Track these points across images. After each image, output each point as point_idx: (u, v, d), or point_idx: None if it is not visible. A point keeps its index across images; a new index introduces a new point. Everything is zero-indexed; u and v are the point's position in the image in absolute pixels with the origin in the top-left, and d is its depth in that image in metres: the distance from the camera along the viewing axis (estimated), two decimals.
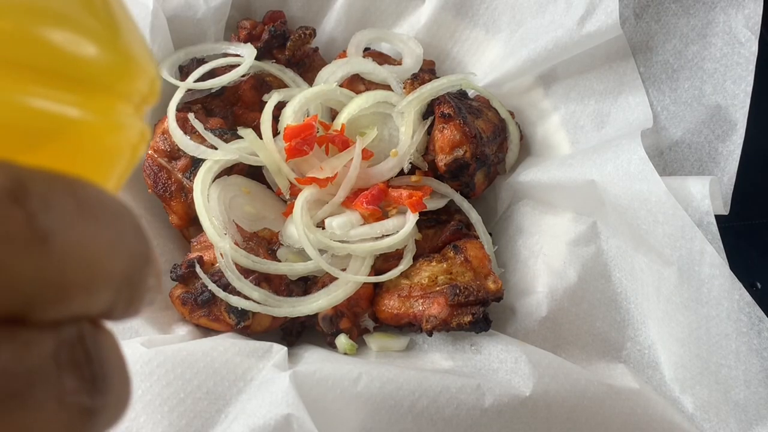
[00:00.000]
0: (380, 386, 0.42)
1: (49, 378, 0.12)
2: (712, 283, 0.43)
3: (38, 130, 0.13)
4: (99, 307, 0.13)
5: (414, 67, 0.59)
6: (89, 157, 0.14)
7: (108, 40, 0.15)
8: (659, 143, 0.52)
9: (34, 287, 0.12)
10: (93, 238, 0.13)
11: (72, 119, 0.14)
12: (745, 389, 0.43)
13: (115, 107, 0.15)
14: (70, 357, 0.12)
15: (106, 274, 0.13)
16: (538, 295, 0.50)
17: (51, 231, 0.12)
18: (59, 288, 0.12)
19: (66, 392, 0.12)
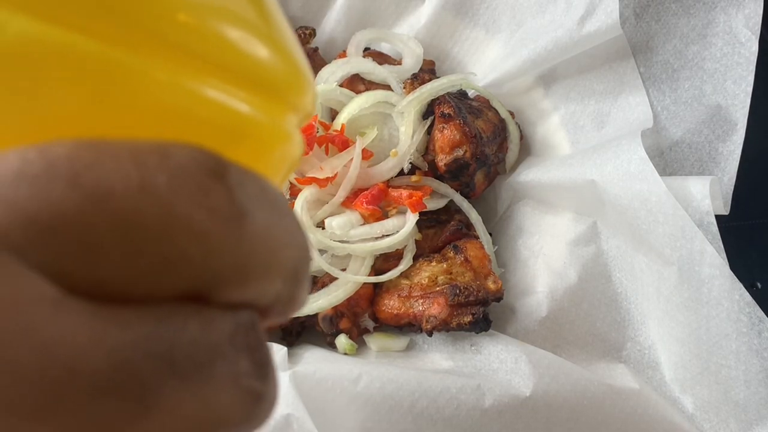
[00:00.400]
0: (380, 386, 0.42)
1: (228, 357, 0.12)
2: (712, 283, 0.43)
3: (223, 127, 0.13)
4: (267, 298, 0.13)
5: (414, 67, 0.59)
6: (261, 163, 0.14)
7: (283, 49, 0.15)
8: (659, 143, 0.52)
9: (226, 264, 0.12)
10: (276, 226, 0.13)
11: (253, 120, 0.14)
12: (745, 389, 0.43)
13: (286, 118, 0.15)
14: (244, 341, 0.13)
15: (281, 263, 0.13)
16: (538, 295, 0.50)
17: (247, 211, 0.12)
18: (244, 270, 0.12)
19: (241, 374, 0.12)
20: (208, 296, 0.12)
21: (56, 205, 0.10)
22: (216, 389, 0.12)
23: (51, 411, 0.10)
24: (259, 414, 0.13)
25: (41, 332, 0.10)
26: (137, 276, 0.11)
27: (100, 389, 0.10)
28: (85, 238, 0.10)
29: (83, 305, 0.11)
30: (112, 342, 0.11)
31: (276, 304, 0.14)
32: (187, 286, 0.12)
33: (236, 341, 0.12)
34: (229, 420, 0.12)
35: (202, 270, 0.12)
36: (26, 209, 0.10)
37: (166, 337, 0.11)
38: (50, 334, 0.10)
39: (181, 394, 0.11)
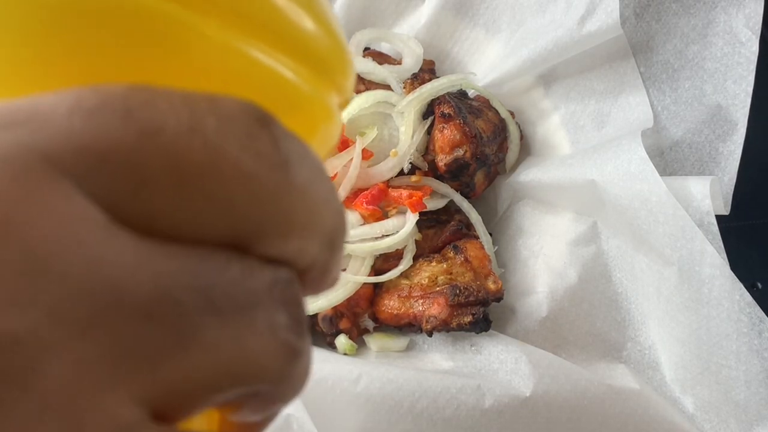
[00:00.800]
0: (380, 387, 0.42)
1: (266, 307, 0.12)
2: (712, 283, 0.43)
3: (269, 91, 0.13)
4: (305, 260, 0.13)
5: (414, 67, 0.59)
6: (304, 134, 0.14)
7: (328, 27, 0.15)
8: (660, 143, 0.52)
9: (268, 213, 0.12)
10: (316, 186, 0.13)
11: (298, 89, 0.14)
12: (746, 390, 0.43)
13: (330, 95, 0.15)
14: (282, 294, 0.13)
15: (319, 224, 0.13)
16: (538, 295, 0.50)
17: (291, 162, 0.12)
18: (285, 223, 0.12)
19: (278, 325, 0.12)
20: (249, 247, 0.12)
21: (109, 137, 0.11)
22: (254, 335, 0.12)
23: (94, 327, 0.10)
24: (293, 373, 0.13)
25: (91, 249, 0.10)
26: (183, 213, 0.11)
27: (143, 314, 0.10)
28: (136, 170, 0.11)
29: (130, 234, 0.11)
30: (157, 269, 0.11)
31: (312, 270, 0.14)
32: (230, 232, 0.12)
33: (275, 293, 0.12)
34: (264, 370, 0.12)
35: (246, 215, 0.12)
36: (81, 139, 0.11)
37: (208, 274, 0.11)
38: (99, 252, 0.10)
39: (219, 333, 0.11)
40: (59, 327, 0.10)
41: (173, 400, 0.11)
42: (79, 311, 0.10)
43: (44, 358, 0.10)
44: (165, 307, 0.11)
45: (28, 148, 0.10)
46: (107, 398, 0.10)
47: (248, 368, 0.12)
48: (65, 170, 0.10)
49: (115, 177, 0.11)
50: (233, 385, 0.12)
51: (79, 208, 0.10)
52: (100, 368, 0.10)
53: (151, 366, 0.11)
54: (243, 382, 0.12)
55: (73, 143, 0.11)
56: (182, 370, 0.11)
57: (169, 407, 0.11)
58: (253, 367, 0.12)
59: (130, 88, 0.11)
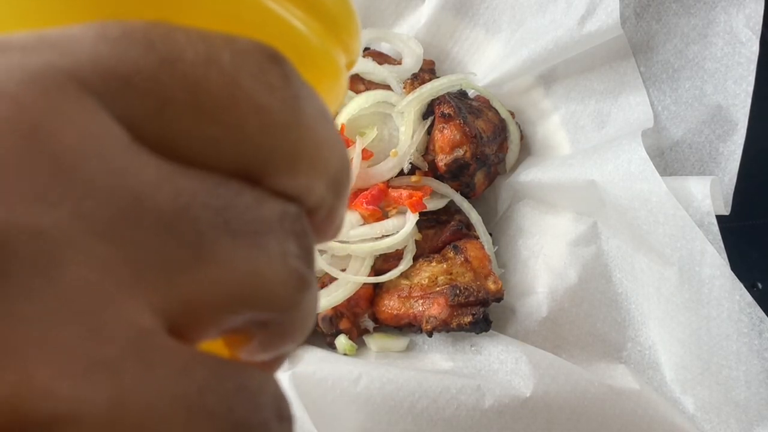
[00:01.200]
0: (380, 387, 0.42)
1: (277, 234, 0.13)
2: (712, 283, 0.43)
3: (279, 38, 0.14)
4: (312, 199, 0.14)
5: (414, 67, 0.59)
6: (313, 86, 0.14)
7: None
8: (660, 143, 0.52)
9: (279, 145, 0.13)
10: (324, 123, 0.14)
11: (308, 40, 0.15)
12: (746, 390, 0.43)
13: (337, 51, 0.16)
14: (292, 226, 0.13)
15: (326, 162, 0.14)
16: (538, 295, 0.50)
17: (301, 96, 0.13)
18: (294, 157, 0.13)
19: (289, 253, 0.13)
20: (259, 180, 0.13)
21: (133, 62, 0.11)
22: (266, 259, 0.12)
23: (117, 232, 0.11)
24: (302, 305, 0.13)
25: (115, 162, 0.11)
26: (199, 139, 0.12)
27: (163, 226, 0.11)
28: (158, 93, 0.11)
29: (151, 153, 0.11)
30: (177, 185, 0.11)
31: (318, 211, 0.14)
32: (242, 161, 0.12)
33: (285, 224, 0.13)
34: (274, 295, 0.12)
35: (257, 144, 0.12)
36: (106, 62, 0.11)
37: (223, 196, 0.12)
38: (123, 165, 0.11)
39: (233, 253, 0.12)
40: (83, 227, 0.10)
41: (187, 315, 0.11)
42: (103, 215, 0.10)
43: (68, 255, 0.10)
44: (184, 221, 0.11)
45: (56, 67, 0.11)
46: (127, 303, 0.10)
47: (260, 290, 0.12)
48: (91, 90, 0.11)
49: (137, 99, 0.11)
50: (245, 306, 0.12)
51: (104, 125, 0.11)
52: (121, 272, 0.10)
53: (169, 277, 0.11)
54: (254, 304, 0.12)
55: (99, 66, 0.11)
56: (198, 285, 0.11)
57: (182, 324, 0.11)
58: (264, 290, 0.12)
59: (151, 22, 0.12)
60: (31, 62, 0.11)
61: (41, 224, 0.10)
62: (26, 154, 0.10)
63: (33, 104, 0.10)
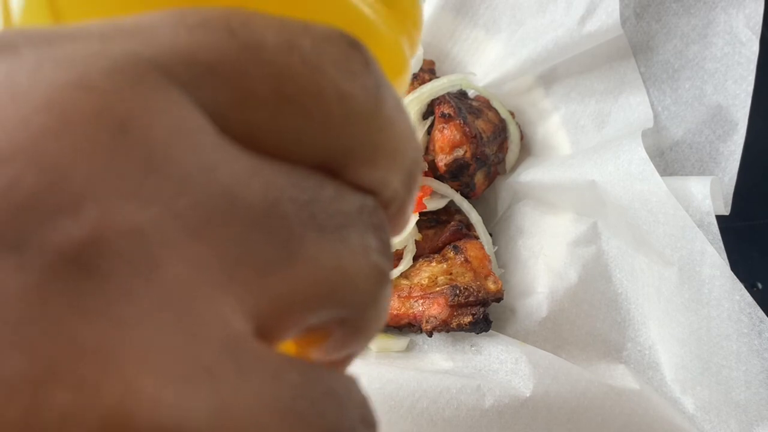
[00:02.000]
0: (380, 387, 0.42)
1: (358, 228, 0.12)
2: (712, 283, 0.43)
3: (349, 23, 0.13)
4: (388, 192, 0.13)
5: (414, 66, 0.59)
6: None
7: None
8: (660, 143, 0.52)
9: (361, 134, 0.12)
10: (402, 113, 0.13)
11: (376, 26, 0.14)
12: (746, 390, 0.43)
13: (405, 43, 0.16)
14: (371, 219, 0.13)
15: (403, 155, 0.13)
16: (538, 295, 0.50)
17: (381, 85, 0.13)
18: (374, 148, 0.13)
19: (370, 247, 0.12)
20: (339, 172, 0.12)
21: (215, 49, 0.11)
22: (350, 254, 0.12)
23: (210, 230, 0.10)
24: (381, 299, 0.13)
25: (206, 155, 0.10)
26: (283, 129, 0.11)
27: (254, 223, 0.11)
28: (241, 81, 0.11)
29: (237, 145, 0.11)
30: (266, 179, 0.11)
31: (391, 205, 0.14)
32: (325, 153, 0.12)
33: (364, 217, 0.13)
34: (357, 290, 0.12)
35: (341, 134, 0.12)
36: (188, 50, 0.11)
37: (308, 189, 0.12)
38: (213, 159, 0.10)
39: (320, 249, 0.11)
40: (177, 225, 0.10)
41: (275, 316, 0.11)
42: (197, 213, 0.10)
43: (164, 254, 0.10)
44: (274, 218, 0.11)
45: (138, 56, 0.10)
46: (221, 304, 0.10)
47: (344, 286, 0.12)
48: (175, 79, 0.11)
49: (221, 88, 0.11)
50: (329, 303, 0.12)
51: (192, 116, 0.11)
52: (216, 272, 0.10)
53: (261, 276, 0.11)
54: (338, 301, 0.12)
55: (181, 54, 0.11)
56: (288, 284, 0.11)
57: (269, 324, 0.11)
58: (348, 286, 0.12)
59: (229, 9, 0.12)
60: (113, 51, 0.10)
61: (137, 223, 0.10)
62: (117, 149, 0.10)
63: (119, 96, 0.10)
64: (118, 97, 0.10)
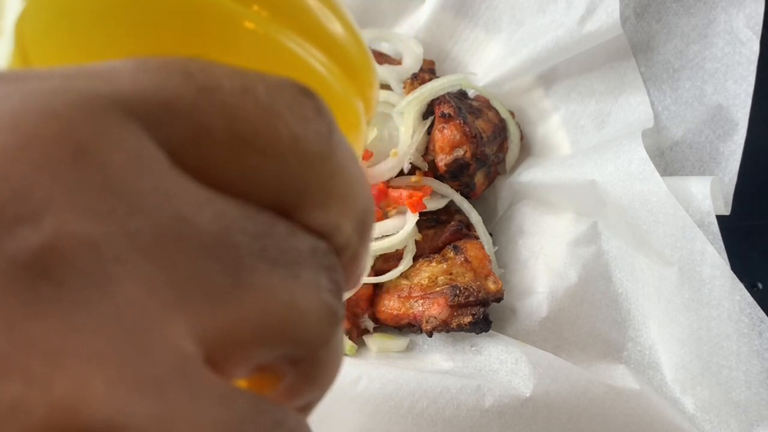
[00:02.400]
0: (380, 387, 0.42)
1: (310, 267, 0.13)
2: (713, 283, 0.43)
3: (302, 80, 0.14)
4: (339, 238, 0.14)
5: (414, 66, 0.59)
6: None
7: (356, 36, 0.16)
8: (660, 143, 0.52)
9: (313, 177, 0.13)
10: (353, 161, 0.14)
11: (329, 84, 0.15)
12: (746, 390, 0.43)
13: (358, 102, 0.16)
14: (323, 260, 0.13)
15: (354, 199, 0.14)
16: (538, 295, 0.50)
17: (333, 131, 0.13)
18: (326, 191, 0.13)
19: (322, 287, 0.13)
20: (291, 214, 0.13)
21: (172, 90, 0.12)
22: (301, 290, 0.12)
23: (162, 252, 0.11)
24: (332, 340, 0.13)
25: (160, 183, 0.11)
26: (236, 167, 0.12)
27: (205, 250, 0.11)
28: (196, 121, 0.12)
29: (191, 178, 0.12)
30: (218, 209, 0.11)
31: (345, 252, 0.14)
32: (277, 193, 0.12)
33: (317, 258, 0.13)
34: (308, 328, 0.12)
35: (293, 175, 0.12)
36: (147, 90, 0.11)
37: (260, 223, 0.12)
38: (167, 186, 0.11)
39: (271, 281, 0.12)
40: (130, 244, 0.10)
41: (224, 346, 0.11)
42: (148, 233, 0.11)
43: (118, 270, 0.10)
44: (225, 246, 0.11)
45: (100, 92, 0.11)
46: (172, 326, 0.10)
47: (295, 322, 0.12)
48: (133, 115, 0.11)
49: (177, 126, 0.11)
50: (280, 338, 0.12)
51: (147, 147, 0.11)
52: (166, 295, 0.10)
53: (210, 304, 0.11)
54: (289, 337, 0.12)
55: (140, 93, 0.11)
56: (236, 314, 0.11)
57: (219, 355, 0.11)
58: (299, 322, 0.12)
59: (187, 57, 0.12)
60: (76, 86, 0.11)
61: (93, 237, 0.10)
62: (75, 168, 0.10)
63: (80, 123, 0.11)
64: (79, 124, 0.11)
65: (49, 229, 0.10)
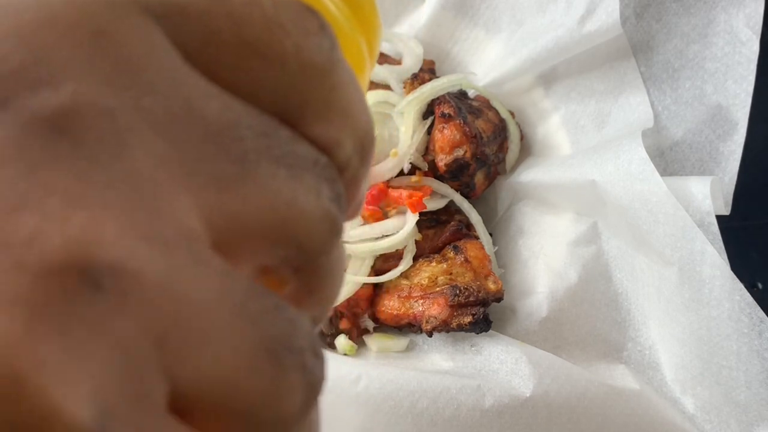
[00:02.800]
0: (380, 387, 0.42)
1: (312, 174, 0.13)
2: (713, 283, 0.43)
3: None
4: (340, 155, 0.14)
5: (414, 66, 0.59)
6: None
7: None
8: (660, 143, 0.52)
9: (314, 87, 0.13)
10: (355, 83, 0.14)
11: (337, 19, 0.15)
12: (746, 390, 0.43)
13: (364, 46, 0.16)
14: (324, 171, 0.13)
15: (355, 118, 0.14)
16: (538, 295, 0.50)
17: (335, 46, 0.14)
18: (327, 104, 0.13)
19: (323, 193, 0.13)
20: (294, 124, 0.13)
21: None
22: (303, 192, 0.12)
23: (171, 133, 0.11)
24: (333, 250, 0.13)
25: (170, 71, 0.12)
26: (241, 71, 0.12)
27: (211, 137, 0.12)
28: (208, 23, 0.12)
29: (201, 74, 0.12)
30: (226, 102, 0.12)
31: (345, 172, 0.14)
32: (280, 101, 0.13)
33: (318, 168, 0.13)
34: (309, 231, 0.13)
35: (294, 84, 0.13)
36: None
37: (264, 124, 0.12)
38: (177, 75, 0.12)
39: (274, 177, 0.12)
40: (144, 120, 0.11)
41: (229, 233, 0.12)
42: (162, 114, 0.11)
43: (131, 138, 0.11)
44: (231, 138, 0.12)
45: None
46: (180, 200, 0.11)
47: (297, 222, 0.12)
48: (152, 14, 0.12)
49: (189, 27, 0.12)
50: (282, 236, 0.12)
51: (162, 41, 0.12)
52: (175, 171, 0.11)
53: (217, 188, 0.11)
54: (290, 237, 0.12)
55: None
56: (241, 202, 0.12)
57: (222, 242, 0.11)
58: (300, 223, 0.12)
59: None
60: None
61: (110, 105, 0.11)
62: (94, 47, 0.11)
63: (101, 13, 0.11)
64: (100, 13, 0.11)
65: (69, 93, 0.10)
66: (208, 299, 0.10)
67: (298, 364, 0.11)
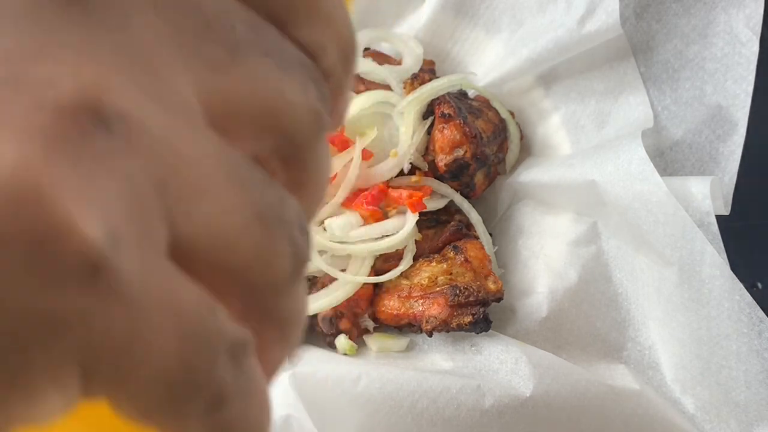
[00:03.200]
0: (380, 387, 0.42)
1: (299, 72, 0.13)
2: (712, 283, 0.43)
3: None
4: (325, 61, 0.14)
5: (414, 67, 0.59)
6: None
7: None
8: (660, 143, 0.52)
9: None
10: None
11: None
12: (746, 390, 0.43)
13: None
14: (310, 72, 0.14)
15: (340, 26, 0.14)
16: (538, 295, 0.50)
17: None
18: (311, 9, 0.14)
19: (309, 90, 0.13)
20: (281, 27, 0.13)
21: None
22: (290, 85, 0.13)
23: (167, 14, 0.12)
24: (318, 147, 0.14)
25: None
26: None
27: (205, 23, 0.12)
28: None
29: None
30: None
31: (330, 77, 0.14)
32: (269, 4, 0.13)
33: (305, 69, 0.13)
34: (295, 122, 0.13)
35: None
36: None
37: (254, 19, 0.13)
38: None
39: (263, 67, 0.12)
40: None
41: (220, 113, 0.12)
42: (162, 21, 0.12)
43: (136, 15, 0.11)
44: (224, 26, 0.12)
45: None
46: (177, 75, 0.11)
47: (283, 109, 0.13)
48: None
49: None
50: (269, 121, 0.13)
51: None
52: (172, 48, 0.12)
53: (210, 70, 0.12)
54: (278, 124, 0.13)
55: None
56: (232, 84, 0.12)
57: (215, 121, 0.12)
58: (287, 110, 0.13)
59: None
60: None
61: None
62: None
63: None
64: None
65: None
66: (204, 158, 0.11)
67: (286, 234, 0.12)
